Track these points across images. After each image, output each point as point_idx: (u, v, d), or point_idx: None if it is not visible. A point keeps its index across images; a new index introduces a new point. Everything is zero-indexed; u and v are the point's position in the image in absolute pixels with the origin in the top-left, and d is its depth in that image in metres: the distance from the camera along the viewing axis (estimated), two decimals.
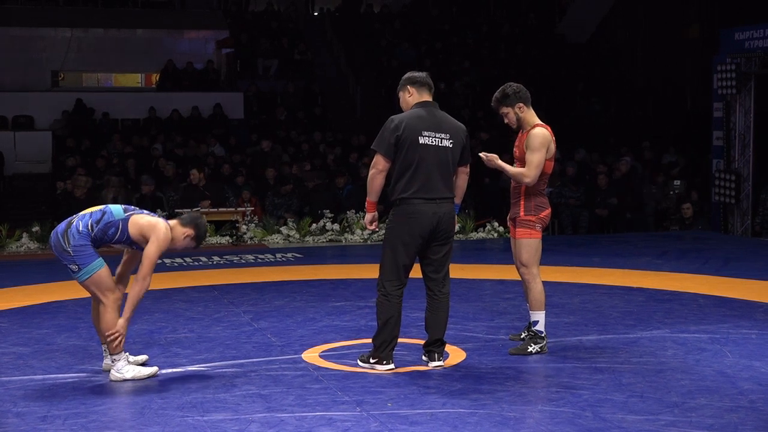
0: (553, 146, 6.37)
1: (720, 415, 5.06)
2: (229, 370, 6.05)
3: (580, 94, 21.43)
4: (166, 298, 8.74)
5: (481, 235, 13.52)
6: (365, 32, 22.79)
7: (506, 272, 9.31)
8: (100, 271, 5.76)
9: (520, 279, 6.62)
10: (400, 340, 6.40)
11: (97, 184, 14.98)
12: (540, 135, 6.29)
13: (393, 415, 5.09)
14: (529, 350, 6.34)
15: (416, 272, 6.24)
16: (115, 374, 5.83)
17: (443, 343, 6.15)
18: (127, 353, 5.94)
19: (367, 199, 6.07)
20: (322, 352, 6.55)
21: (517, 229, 6.44)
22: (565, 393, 5.47)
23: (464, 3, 24.71)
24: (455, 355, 6.40)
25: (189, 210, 13.33)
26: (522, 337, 6.71)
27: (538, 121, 6.43)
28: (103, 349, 6.07)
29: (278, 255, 11.69)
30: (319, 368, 6.10)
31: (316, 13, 24.57)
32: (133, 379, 5.81)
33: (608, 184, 15.32)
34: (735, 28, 14.32)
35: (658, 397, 5.38)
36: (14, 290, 9.32)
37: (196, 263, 11.04)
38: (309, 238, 13.24)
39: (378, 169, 5.96)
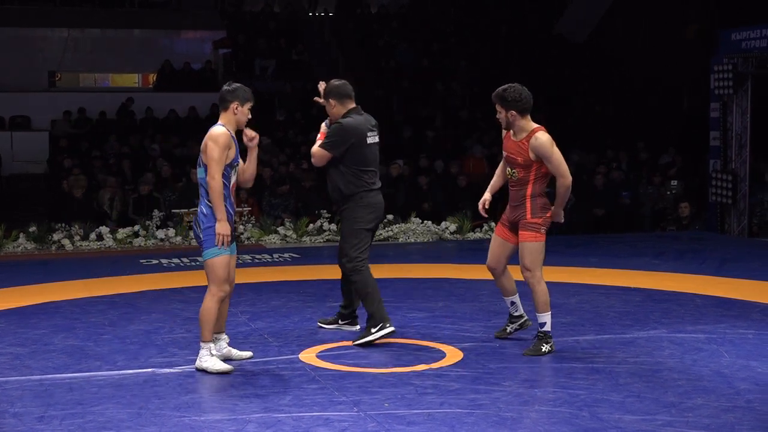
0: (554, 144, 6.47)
1: (717, 415, 5.06)
2: None
3: (578, 95, 21.43)
4: (164, 299, 8.73)
5: (478, 235, 13.51)
6: (363, 33, 22.80)
7: None
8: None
9: (518, 279, 6.62)
10: (397, 340, 6.41)
11: (93, 185, 14.98)
12: (548, 139, 6.39)
13: (390, 415, 5.09)
14: (543, 350, 6.37)
15: (407, 272, 6.24)
16: (198, 363, 6.01)
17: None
18: (212, 344, 6.03)
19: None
20: (319, 352, 6.55)
21: (521, 232, 6.41)
22: (562, 393, 5.47)
23: (463, 3, 24.70)
24: (452, 355, 6.41)
25: (186, 210, 13.34)
26: (508, 332, 6.79)
27: (535, 125, 6.47)
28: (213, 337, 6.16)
29: (275, 255, 11.68)
30: (316, 368, 6.10)
31: (314, 14, 24.54)
32: (206, 370, 5.92)
33: (605, 184, 15.34)
34: (732, 29, 14.33)
35: (655, 397, 5.39)
36: (11, 291, 9.30)
37: (194, 263, 11.03)
38: (306, 239, 13.23)
39: (321, 160, 6.88)
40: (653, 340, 6.80)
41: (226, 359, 6.20)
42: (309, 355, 6.44)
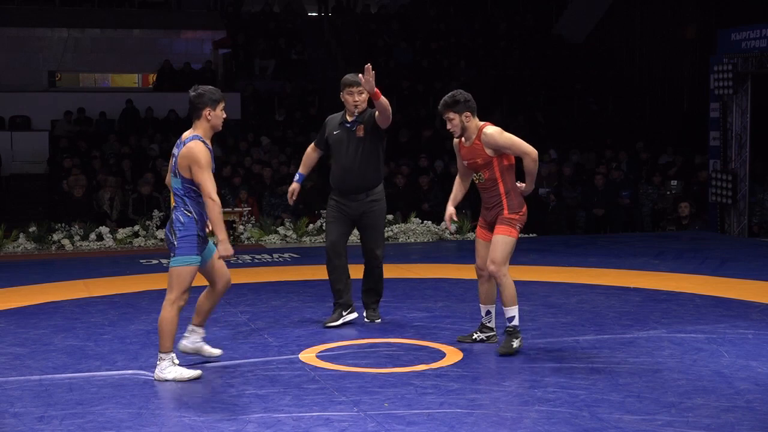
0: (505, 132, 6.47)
1: (717, 415, 5.06)
2: (226, 370, 6.04)
3: (577, 95, 21.45)
4: (163, 299, 8.71)
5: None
6: (363, 32, 22.80)
7: None
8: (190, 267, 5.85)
9: (517, 280, 6.61)
10: (397, 340, 6.42)
11: (93, 185, 14.99)
12: (496, 130, 6.38)
13: (390, 415, 5.09)
14: (515, 347, 6.35)
15: (407, 272, 6.24)
16: (158, 374, 5.83)
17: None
18: (174, 354, 5.89)
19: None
20: (319, 352, 6.55)
21: (497, 226, 6.39)
22: (561, 393, 5.47)
23: (461, 3, 24.72)
24: (452, 355, 6.41)
25: None
26: (474, 338, 6.70)
27: (481, 123, 6.46)
28: (190, 329, 6.17)
29: (275, 255, 11.68)
30: (316, 368, 6.11)
31: (321, 13, 24.52)
32: (174, 380, 5.79)
33: (605, 184, 15.36)
34: (732, 29, 14.33)
35: (655, 397, 5.39)
36: (11, 291, 9.31)
37: None
38: (306, 239, 13.24)
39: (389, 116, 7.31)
40: (653, 340, 6.81)
41: (197, 352, 6.15)
42: (309, 356, 6.45)
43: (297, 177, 7.50)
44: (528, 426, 4.91)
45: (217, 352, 6.28)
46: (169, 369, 5.81)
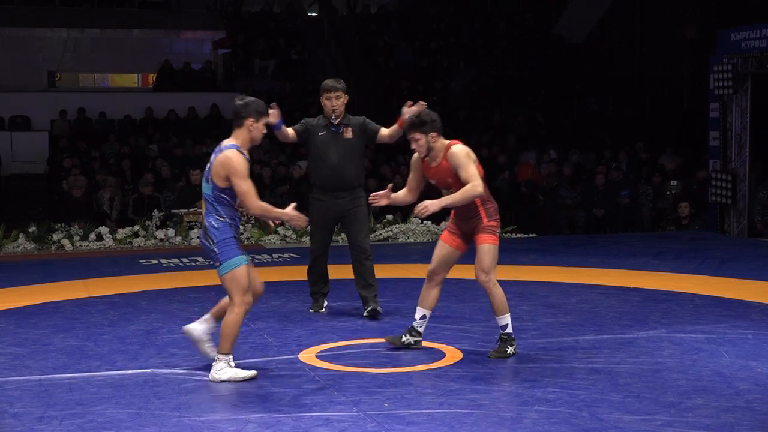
0: (473, 154, 6.27)
1: (716, 415, 5.06)
2: None
3: (577, 95, 21.45)
4: (163, 299, 8.74)
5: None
6: (362, 32, 22.81)
7: (503, 272, 9.28)
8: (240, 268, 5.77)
9: (517, 280, 6.62)
10: (400, 334, 6.43)
11: (93, 185, 14.98)
12: (462, 150, 6.21)
13: (390, 415, 5.09)
14: (508, 352, 6.31)
15: (407, 272, 6.24)
16: (213, 374, 5.82)
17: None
18: (231, 356, 5.86)
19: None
20: (318, 352, 6.55)
21: (480, 236, 6.28)
22: (561, 393, 5.47)
23: (461, 3, 24.72)
24: (452, 355, 6.41)
25: (186, 210, 13.35)
26: (403, 341, 6.53)
27: (447, 141, 6.31)
28: (205, 317, 6.15)
29: (275, 255, 11.69)
30: (315, 369, 6.11)
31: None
32: (229, 381, 5.77)
33: (605, 184, 15.36)
34: (732, 29, 14.32)
35: (655, 397, 5.39)
36: (10, 291, 9.31)
37: (193, 263, 11.04)
38: (306, 239, 13.22)
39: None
40: (653, 340, 6.81)
41: (196, 342, 6.10)
42: (308, 355, 6.45)
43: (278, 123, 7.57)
44: (528, 426, 4.91)
45: (213, 354, 6.25)
46: (225, 370, 5.80)
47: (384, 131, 7.72)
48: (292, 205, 5.91)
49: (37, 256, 12.14)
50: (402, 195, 6.61)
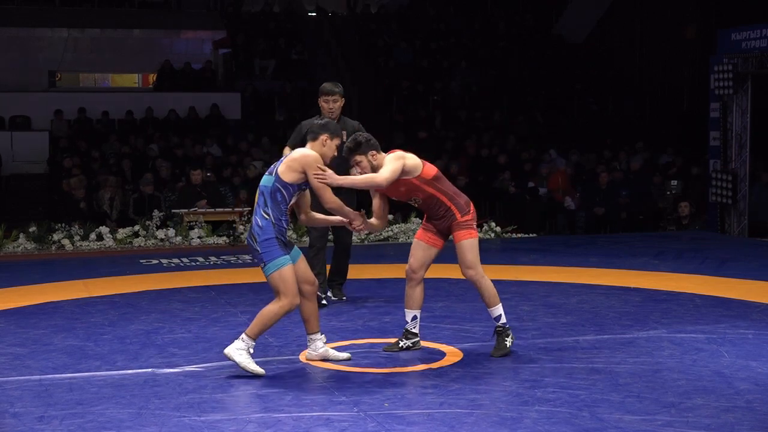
0: (417, 161, 6.17)
1: (717, 415, 5.06)
2: (227, 370, 6.03)
3: (577, 95, 21.45)
4: (163, 299, 8.74)
5: (479, 235, 13.52)
6: (363, 33, 22.81)
7: (503, 272, 9.32)
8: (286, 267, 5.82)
9: (517, 280, 6.61)
10: (397, 340, 6.43)
11: (93, 184, 14.98)
12: (391, 156, 6.14)
13: (390, 415, 5.09)
14: (507, 344, 6.32)
15: (403, 271, 6.24)
16: (230, 349, 5.87)
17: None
18: (253, 344, 5.88)
19: None
20: None
21: (456, 233, 6.25)
22: (562, 393, 5.47)
23: (461, 3, 24.73)
24: (452, 355, 6.41)
25: (186, 210, 13.35)
26: (400, 346, 6.49)
27: (386, 154, 6.23)
28: (308, 339, 6.18)
29: None
30: (316, 368, 6.11)
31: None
32: (239, 364, 5.82)
33: (609, 183, 15.36)
34: (732, 29, 14.33)
35: (655, 397, 5.39)
36: (11, 290, 9.31)
37: (193, 263, 11.04)
38: (306, 239, 13.20)
39: None
40: (653, 340, 6.80)
41: (324, 359, 6.15)
42: None
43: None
44: (528, 426, 4.91)
45: (344, 356, 6.23)
46: (242, 353, 5.83)
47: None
48: (362, 211, 6.20)
49: (38, 256, 12.14)
50: (375, 222, 6.45)
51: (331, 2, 24.54)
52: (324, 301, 8.06)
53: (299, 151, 5.96)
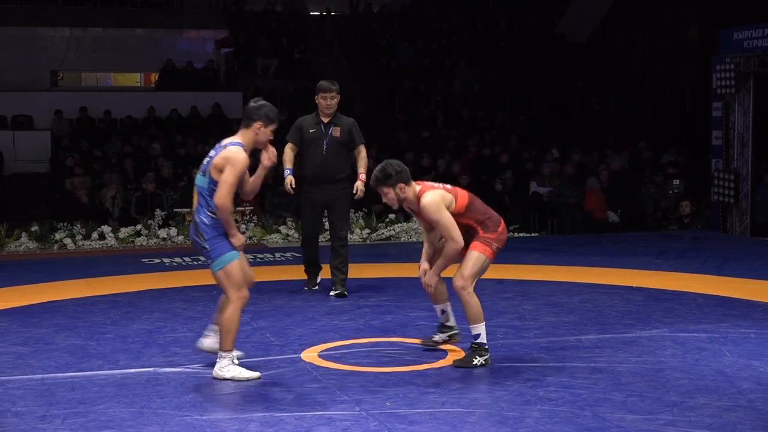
0: (447, 196, 6.11)
1: (719, 414, 5.06)
2: None
3: (579, 94, 21.44)
4: (165, 298, 8.74)
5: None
6: (365, 32, 22.81)
7: (504, 272, 9.31)
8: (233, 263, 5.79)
9: (520, 279, 6.61)
10: (399, 339, 6.42)
11: (96, 183, 14.99)
12: (431, 203, 6.02)
13: (392, 414, 5.09)
14: (474, 363, 6.07)
15: (408, 271, 6.23)
16: (216, 371, 5.82)
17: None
18: (235, 353, 5.88)
19: None
20: (321, 351, 6.55)
21: (473, 243, 6.11)
22: (564, 392, 5.47)
23: (463, 3, 24.72)
24: (454, 354, 6.40)
25: (188, 209, 13.34)
26: (435, 340, 6.50)
27: (419, 187, 6.14)
28: (210, 328, 6.13)
29: (277, 254, 11.68)
30: (318, 368, 6.11)
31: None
32: (232, 380, 5.76)
33: (609, 182, 15.36)
34: (734, 28, 14.32)
35: (657, 396, 5.39)
36: (13, 290, 9.31)
37: (195, 262, 11.04)
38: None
39: None
40: (655, 340, 6.80)
41: (214, 352, 6.03)
42: (311, 355, 6.45)
43: (288, 171, 8.51)
44: (530, 425, 4.91)
45: (236, 353, 6.20)
46: (229, 368, 5.80)
47: (359, 156, 8.58)
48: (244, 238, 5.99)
49: (40, 255, 12.15)
50: (428, 247, 6.40)
51: (334, 2, 24.53)
52: (317, 287, 8.88)
53: (228, 151, 5.76)
